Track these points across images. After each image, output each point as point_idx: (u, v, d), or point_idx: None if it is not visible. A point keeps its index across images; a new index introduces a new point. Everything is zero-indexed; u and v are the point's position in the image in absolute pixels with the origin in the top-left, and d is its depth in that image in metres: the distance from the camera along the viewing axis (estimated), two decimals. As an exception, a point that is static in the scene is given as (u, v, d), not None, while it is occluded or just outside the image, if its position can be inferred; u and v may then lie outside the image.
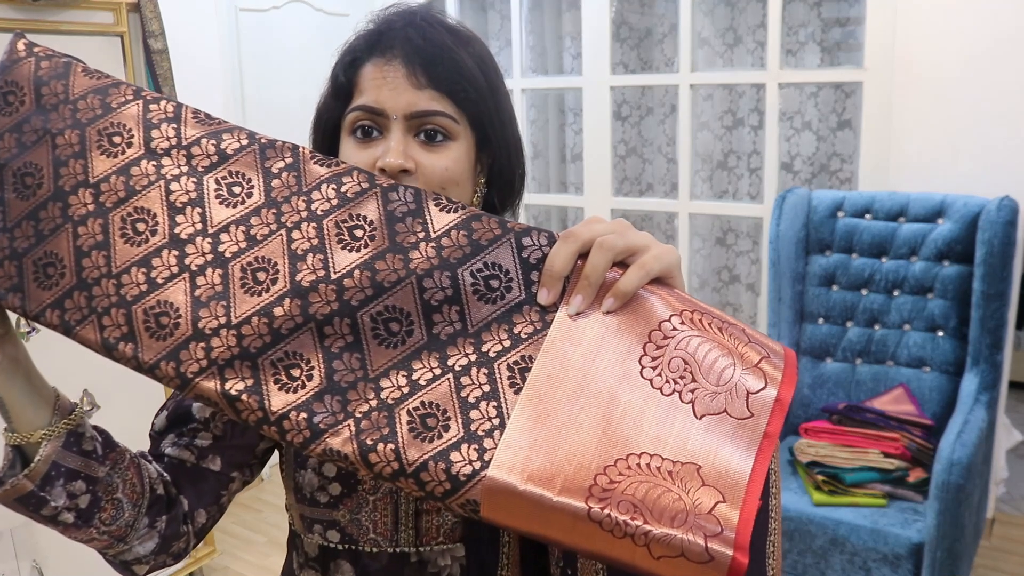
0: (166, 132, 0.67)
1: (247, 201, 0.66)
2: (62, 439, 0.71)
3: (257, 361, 0.61)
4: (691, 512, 0.54)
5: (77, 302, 0.64)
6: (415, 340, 0.62)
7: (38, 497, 0.69)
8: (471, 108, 0.77)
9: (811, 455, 2.26)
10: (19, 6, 1.94)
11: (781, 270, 2.62)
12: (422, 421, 0.59)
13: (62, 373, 2.19)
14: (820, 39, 3.10)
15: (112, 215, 0.65)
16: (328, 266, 0.63)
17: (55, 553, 2.13)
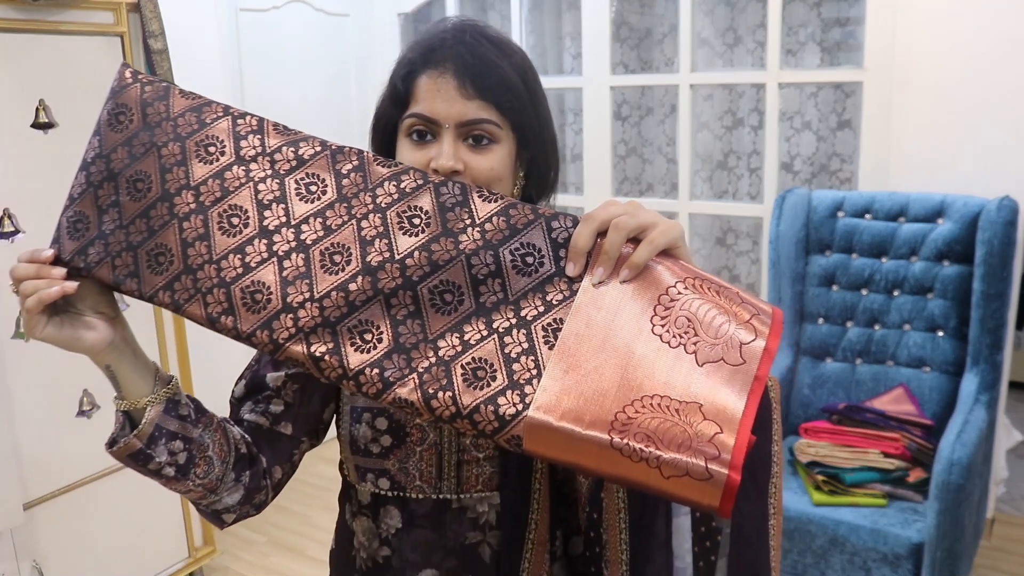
0: (252, 142, 0.82)
1: (322, 197, 0.79)
2: (163, 404, 0.85)
3: (336, 328, 0.75)
4: (694, 440, 0.66)
5: (184, 284, 0.78)
6: (465, 308, 0.75)
7: (145, 454, 0.84)
8: (513, 115, 0.89)
9: (811, 455, 2.26)
10: (19, 6, 1.94)
11: (781, 270, 2.61)
12: (473, 373, 0.73)
13: (62, 374, 2.21)
14: (820, 39, 3.10)
15: (211, 212, 0.79)
16: (392, 249, 0.77)
17: (55, 553, 2.13)
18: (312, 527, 2.97)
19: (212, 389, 3.00)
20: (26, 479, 2.04)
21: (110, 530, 2.27)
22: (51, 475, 2.12)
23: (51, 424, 2.10)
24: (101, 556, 2.25)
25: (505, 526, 0.93)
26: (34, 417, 2.05)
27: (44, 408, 2.08)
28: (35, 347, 2.05)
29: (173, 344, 2.39)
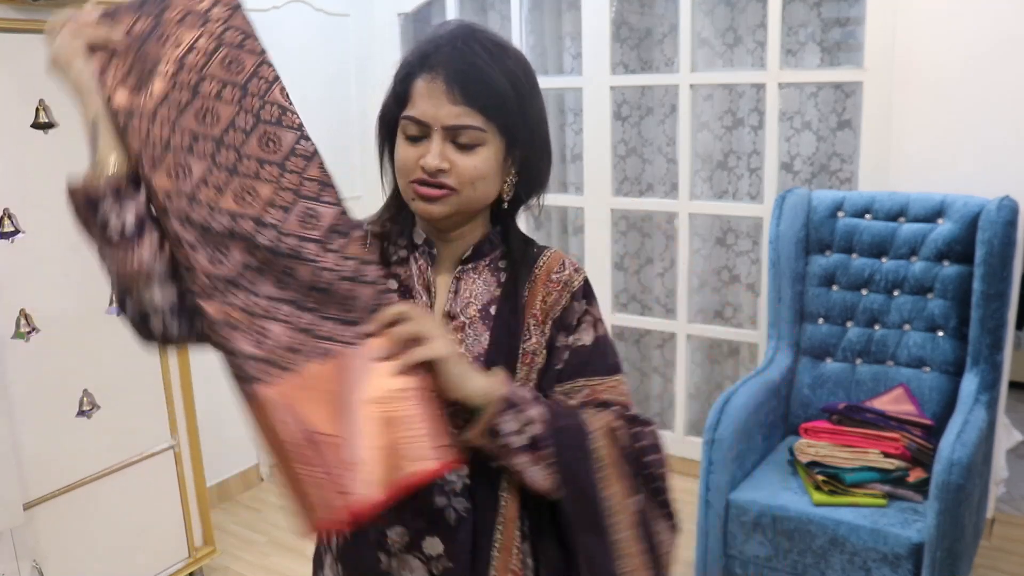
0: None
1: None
2: (126, 177, 0.93)
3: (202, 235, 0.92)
4: (336, 472, 0.88)
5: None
6: (294, 293, 0.92)
7: (96, 200, 0.93)
8: (499, 120, 0.96)
9: (811, 455, 2.26)
10: (19, 6, 1.94)
11: (781, 270, 2.61)
12: (260, 334, 0.90)
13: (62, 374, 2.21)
14: (820, 39, 3.09)
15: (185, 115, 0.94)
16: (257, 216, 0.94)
17: (55, 553, 2.13)
18: (312, 527, 2.97)
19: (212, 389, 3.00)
20: (26, 479, 2.04)
21: (110, 530, 2.27)
22: (51, 475, 2.11)
23: (51, 424, 2.10)
24: (101, 556, 2.25)
25: (476, 501, 0.99)
26: (34, 417, 2.05)
27: (44, 408, 2.08)
28: (35, 348, 2.06)
29: (173, 344, 2.39)
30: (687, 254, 3.15)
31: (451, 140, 0.96)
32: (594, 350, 1.04)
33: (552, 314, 1.04)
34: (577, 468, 0.95)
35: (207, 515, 2.56)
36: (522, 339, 1.03)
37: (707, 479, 2.26)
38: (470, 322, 1.04)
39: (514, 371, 1.01)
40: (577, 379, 1.03)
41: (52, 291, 2.08)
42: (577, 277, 1.06)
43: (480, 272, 1.07)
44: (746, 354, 3.35)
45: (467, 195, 0.98)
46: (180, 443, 2.43)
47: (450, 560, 1.00)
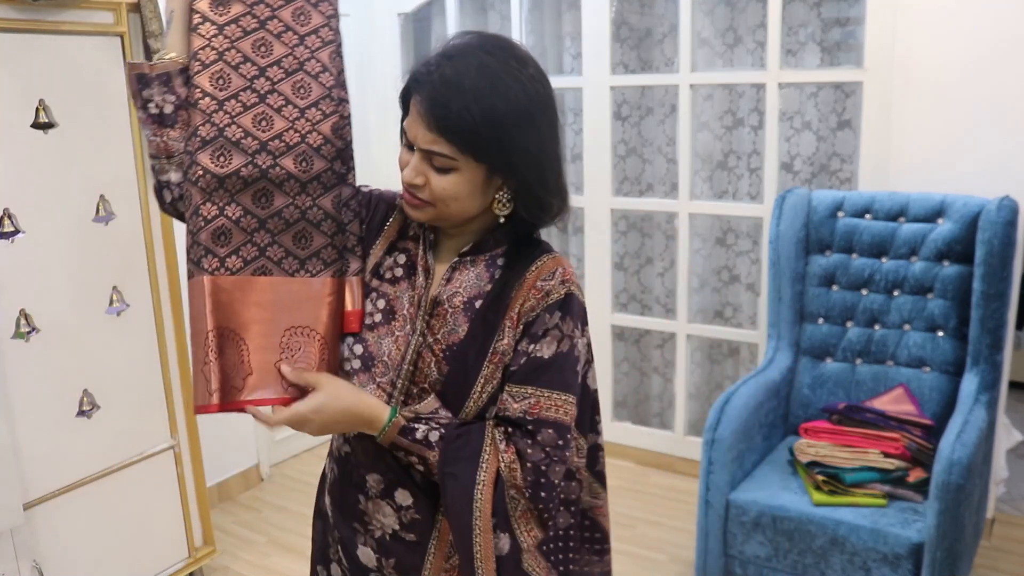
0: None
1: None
2: (179, 67, 1.06)
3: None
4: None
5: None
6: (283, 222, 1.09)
7: (147, 79, 1.05)
8: (472, 151, 0.99)
9: (811, 455, 2.26)
10: (19, 6, 1.94)
11: (781, 270, 2.61)
12: (219, 238, 1.05)
13: (62, 374, 2.21)
14: (820, 39, 3.09)
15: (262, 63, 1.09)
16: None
17: (55, 553, 2.13)
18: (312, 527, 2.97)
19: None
20: (26, 479, 2.04)
21: (110, 530, 2.27)
22: (51, 475, 2.11)
23: (51, 424, 2.10)
24: (101, 556, 2.25)
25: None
26: (34, 417, 2.05)
27: (44, 408, 2.08)
28: (35, 347, 2.06)
29: (173, 345, 2.39)
30: (687, 254, 3.15)
31: (427, 160, 1.02)
32: (551, 364, 1.05)
33: (525, 318, 1.06)
34: (458, 509, 1.03)
35: (207, 515, 2.56)
36: (496, 338, 1.06)
37: (707, 479, 2.26)
38: (452, 311, 1.08)
39: (480, 367, 1.06)
40: (526, 386, 1.05)
41: (52, 291, 2.07)
42: (559, 290, 1.07)
43: (476, 265, 1.10)
44: (746, 354, 3.35)
45: (442, 210, 1.04)
46: (180, 443, 2.43)
47: (417, 512, 1.09)
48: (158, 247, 2.32)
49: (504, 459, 1.03)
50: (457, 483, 1.02)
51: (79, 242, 2.13)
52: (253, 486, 3.30)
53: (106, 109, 2.16)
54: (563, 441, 1.04)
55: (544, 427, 1.04)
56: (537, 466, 1.03)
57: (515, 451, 1.04)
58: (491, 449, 1.03)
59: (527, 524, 1.05)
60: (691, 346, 3.31)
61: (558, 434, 1.04)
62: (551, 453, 1.04)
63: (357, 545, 1.15)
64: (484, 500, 1.02)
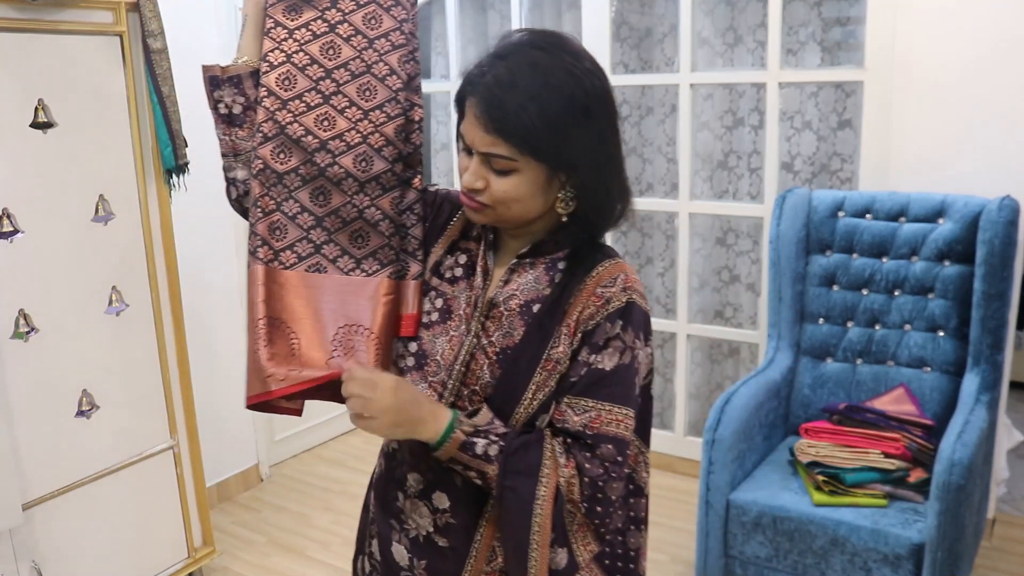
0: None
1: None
2: (251, 70, 1.11)
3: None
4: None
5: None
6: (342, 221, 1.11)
7: (218, 81, 1.11)
8: (530, 150, 0.98)
9: (811, 455, 2.26)
10: (19, 6, 1.94)
11: (781, 270, 2.61)
12: (273, 231, 1.08)
13: (62, 373, 2.20)
14: (820, 39, 3.09)
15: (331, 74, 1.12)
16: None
17: (54, 553, 2.12)
18: (312, 527, 2.97)
19: (211, 389, 3.00)
20: (25, 479, 2.04)
21: (109, 530, 2.26)
22: (50, 475, 2.11)
23: (50, 424, 2.10)
24: (100, 556, 2.25)
25: None
26: (33, 417, 2.05)
27: (43, 408, 2.08)
28: (35, 347, 2.05)
29: (173, 345, 2.39)
30: (687, 254, 3.14)
31: (486, 163, 1.01)
32: (611, 376, 1.03)
33: (583, 327, 1.03)
34: (515, 525, 1.01)
35: (206, 515, 2.56)
36: (551, 345, 1.03)
37: (707, 479, 2.25)
38: (508, 314, 1.06)
39: (531, 374, 1.03)
40: (586, 398, 1.03)
41: (51, 291, 2.07)
42: (620, 297, 1.04)
43: (536, 267, 1.08)
44: (746, 354, 3.34)
45: (502, 212, 1.03)
46: (179, 443, 2.43)
47: (452, 517, 1.08)
48: (157, 247, 2.32)
49: (564, 473, 1.01)
50: (516, 496, 1.00)
51: (78, 242, 2.12)
52: (253, 486, 3.29)
53: (106, 109, 2.16)
54: (621, 457, 1.03)
55: (603, 442, 1.02)
56: (595, 481, 1.02)
57: (575, 465, 1.02)
58: (551, 463, 1.01)
59: (584, 538, 1.04)
60: (691, 346, 3.31)
61: (617, 450, 1.02)
62: (609, 469, 1.02)
63: (392, 542, 1.15)
64: (544, 515, 1.00)
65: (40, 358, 2.06)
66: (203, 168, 2.56)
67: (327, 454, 3.56)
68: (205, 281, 2.96)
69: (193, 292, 2.69)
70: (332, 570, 2.70)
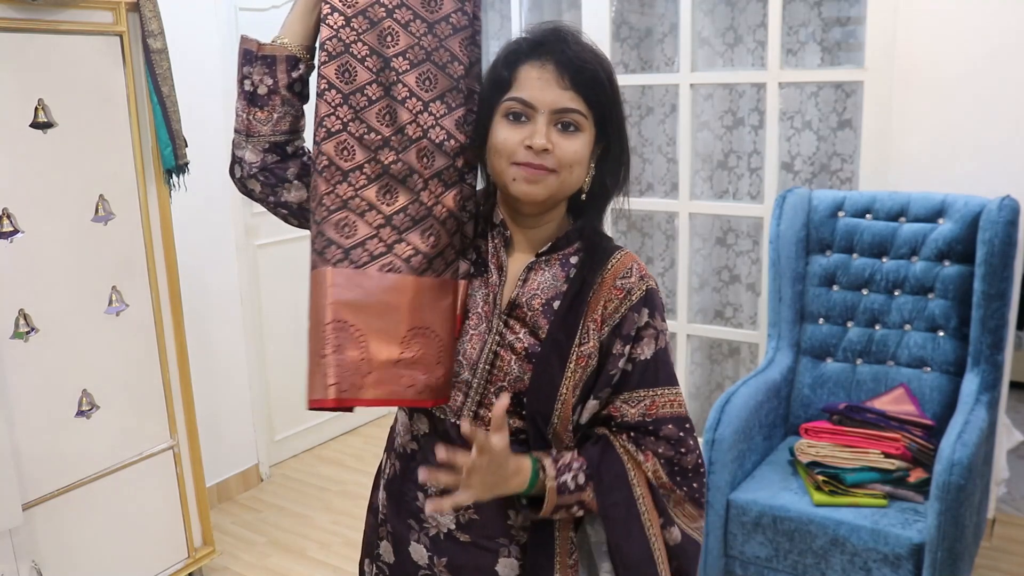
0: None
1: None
2: (287, 55, 1.08)
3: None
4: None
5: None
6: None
7: (251, 56, 1.07)
8: (598, 109, 1.04)
9: (811, 455, 2.26)
10: (19, 5, 1.94)
11: (781, 270, 2.61)
12: (337, 234, 1.03)
13: (62, 374, 2.20)
14: (820, 39, 3.09)
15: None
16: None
17: (54, 554, 2.12)
18: (312, 527, 2.97)
19: (211, 389, 3.00)
20: (25, 479, 2.04)
21: (109, 530, 2.26)
22: (50, 475, 2.11)
23: (50, 424, 2.10)
24: (100, 556, 2.25)
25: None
26: (33, 417, 2.05)
27: (43, 408, 2.08)
28: (35, 347, 2.05)
29: (173, 346, 2.39)
30: (687, 254, 3.14)
31: (554, 124, 1.02)
32: (655, 363, 1.09)
33: (610, 321, 1.07)
34: (629, 529, 1.06)
35: (206, 515, 2.56)
36: (579, 341, 1.06)
37: (707, 479, 2.25)
38: (532, 314, 1.08)
39: (564, 370, 1.05)
40: (638, 390, 1.08)
41: (51, 291, 2.07)
42: (640, 286, 1.09)
43: (551, 265, 1.11)
44: (746, 354, 3.34)
45: (564, 177, 1.04)
46: (179, 443, 2.43)
47: (476, 513, 1.09)
48: (157, 247, 2.32)
49: (647, 467, 1.08)
50: (619, 508, 1.05)
51: (78, 242, 2.12)
52: (252, 486, 3.29)
53: (105, 109, 2.16)
54: (683, 433, 1.10)
55: (664, 424, 1.08)
56: (671, 461, 1.09)
57: (651, 454, 1.08)
58: (632, 463, 1.07)
59: (685, 510, 1.11)
60: (691, 346, 3.31)
61: (677, 427, 1.09)
62: (677, 445, 1.09)
63: (410, 542, 1.15)
64: (649, 510, 1.07)
65: (40, 358, 2.05)
66: (203, 168, 2.56)
67: (327, 454, 3.56)
68: (205, 281, 2.96)
69: (193, 292, 2.69)
70: (332, 570, 2.70)
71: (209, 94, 2.96)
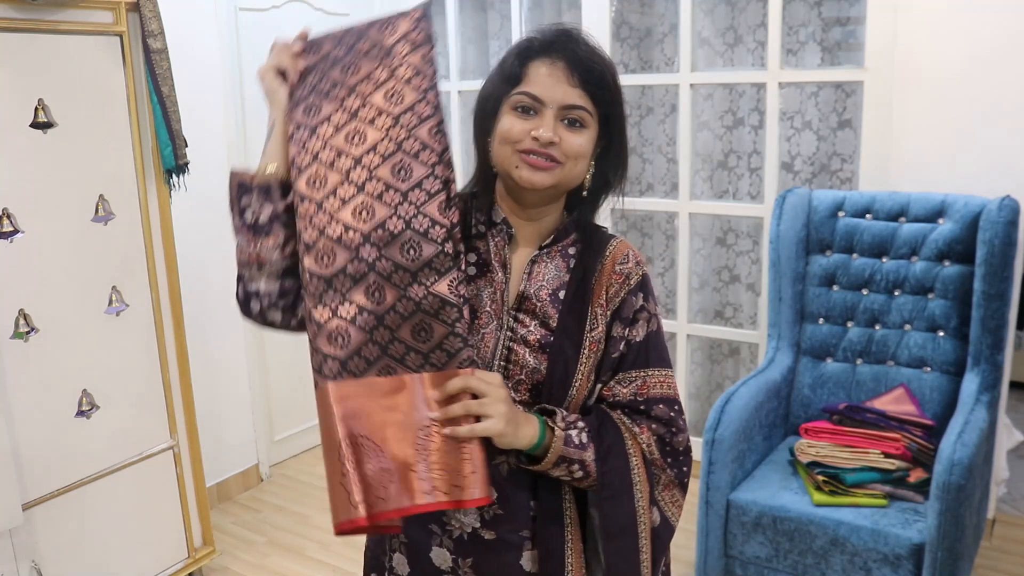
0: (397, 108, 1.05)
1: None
2: (279, 179, 1.06)
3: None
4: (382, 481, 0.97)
5: (301, 135, 1.07)
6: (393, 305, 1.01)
7: (246, 188, 1.06)
8: (604, 107, 1.09)
9: (812, 455, 2.26)
10: (19, 5, 1.94)
11: (781, 270, 2.61)
12: (333, 338, 1.00)
13: (62, 374, 2.20)
14: (820, 39, 3.09)
15: (351, 123, 1.05)
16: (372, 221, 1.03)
17: (54, 554, 2.12)
18: (312, 527, 2.97)
19: (211, 389, 3.00)
20: (25, 479, 2.04)
21: (109, 531, 2.26)
22: (50, 475, 2.11)
23: (50, 424, 2.10)
24: (100, 556, 2.25)
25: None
26: (34, 417, 2.05)
27: (44, 408, 2.08)
28: (34, 347, 2.05)
29: (173, 346, 2.39)
30: (687, 254, 3.14)
31: (561, 119, 1.06)
32: (646, 345, 1.14)
33: (612, 305, 1.12)
34: (619, 497, 1.08)
35: (206, 515, 2.56)
36: (589, 327, 1.10)
37: (707, 479, 2.25)
38: (541, 305, 1.11)
39: (578, 356, 1.09)
40: (631, 370, 1.13)
41: (51, 291, 2.07)
42: (637, 271, 1.14)
43: (553, 257, 1.14)
44: (746, 354, 3.34)
45: (568, 170, 1.08)
46: (179, 443, 2.43)
47: (501, 508, 1.09)
48: (157, 247, 2.32)
49: (643, 440, 1.11)
50: (616, 474, 1.08)
51: (78, 242, 2.12)
52: (252, 486, 3.29)
53: (105, 109, 2.16)
54: (674, 413, 1.14)
55: (655, 404, 1.12)
56: (663, 439, 1.13)
57: (647, 429, 1.12)
58: (628, 434, 1.11)
59: (672, 496, 1.15)
60: (691, 346, 3.31)
61: (668, 407, 1.13)
62: (668, 425, 1.13)
63: (431, 547, 1.13)
64: (642, 481, 1.10)
65: (40, 358, 2.06)
66: (203, 168, 2.56)
67: (327, 454, 3.55)
68: (205, 281, 2.96)
69: (193, 292, 2.69)
70: (332, 570, 2.70)
71: (209, 94, 2.96)
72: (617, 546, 1.08)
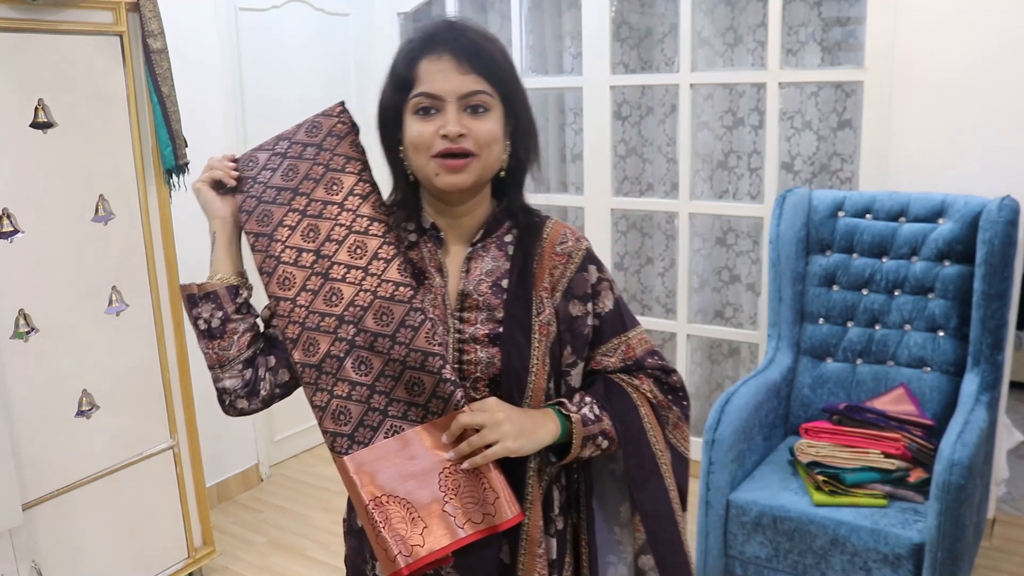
0: (354, 202, 1.13)
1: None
2: (227, 285, 1.13)
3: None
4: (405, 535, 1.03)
5: (262, 243, 1.13)
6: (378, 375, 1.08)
7: (195, 300, 1.12)
8: (501, 87, 1.08)
9: (811, 455, 2.26)
10: (19, 6, 1.94)
11: (781, 270, 2.61)
12: (338, 415, 1.07)
13: (62, 373, 2.20)
14: (820, 39, 3.09)
15: (304, 219, 1.13)
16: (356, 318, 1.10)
17: (54, 554, 2.12)
18: (312, 527, 2.97)
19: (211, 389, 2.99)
20: (25, 479, 2.04)
21: (109, 530, 2.26)
22: (50, 475, 2.11)
23: (50, 424, 2.10)
24: (100, 556, 2.25)
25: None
26: (33, 417, 2.05)
27: (43, 408, 2.08)
28: (35, 347, 2.05)
29: (173, 346, 2.39)
30: (687, 254, 3.14)
31: (463, 109, 1.05)
32: (617, 311, 1.18)
33: (560, 286, 1.14)
34: (640, 448, 1.15)
35: (206, 515, 2.56)
36: (536, 311, 1.11)
37: (707, 479, 2.25)
38: (483, 298, 1.12)
39: (529, 342, 1.10)
40: (612, 339, 1.17)
41: (51, 291, 2.07)
42: (579, 247, 1.16)
43: (488, 249, 1.15)
44: (746, 354, 3.34)
45: (485, 159, 1.08)
46: (179, 443, 2.43)
47: None
48: (157, 247, 2.32)
49: (644, 389, 1.17)
50: (632, 430, 1.14)
51: (78, 242, 2.12)
52: (252, 486, 3.29)
53: (105, 109, 2.16)
54: (662, 360, 1.21)
55: (644, 360, 1.19)
56: (660, 381, 1.19)
57: (645, 377, 1.18)
58: (631, 388, 1.16)
59: (682, 432, 1.21)
60: (691, 346, 3.31)
61: (656, 358, 1.20)
62: (660, 371, 1.19)
63: None
64: (654, 427, 1.16)
65: (40, 358, 2.06)
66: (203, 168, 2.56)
67: (327, 454, 3.54)
68: (205, 281, 2.96)
69: (193, 292, 2.68)
70: (332, 570, 2.70)
71: (209, 94, 2.96)
72: (649, 492, 1.14)
